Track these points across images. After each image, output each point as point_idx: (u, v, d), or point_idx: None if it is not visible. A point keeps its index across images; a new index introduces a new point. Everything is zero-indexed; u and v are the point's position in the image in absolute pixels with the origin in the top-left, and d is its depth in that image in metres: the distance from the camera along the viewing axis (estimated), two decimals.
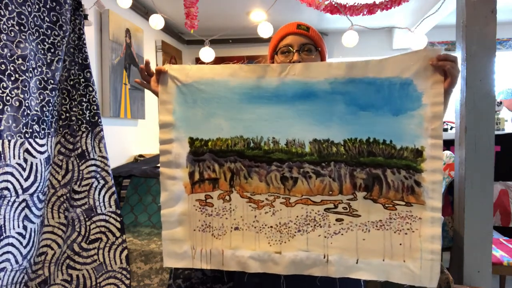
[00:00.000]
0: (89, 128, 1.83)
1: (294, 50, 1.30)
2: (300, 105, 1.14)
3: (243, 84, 1.17)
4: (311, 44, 1.32)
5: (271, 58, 1.41)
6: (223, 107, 1.18)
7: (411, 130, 1.09)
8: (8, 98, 1.48)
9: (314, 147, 1.14)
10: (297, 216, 1.16)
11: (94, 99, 1.83)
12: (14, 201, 1.52)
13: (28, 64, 1.55)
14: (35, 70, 1.60)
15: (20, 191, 1.54)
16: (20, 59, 1.52)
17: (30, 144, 1.57)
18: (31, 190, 1.59)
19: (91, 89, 1.83)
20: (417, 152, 1.09)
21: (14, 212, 1.52)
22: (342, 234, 1.15)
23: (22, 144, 1.54)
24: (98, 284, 1.80)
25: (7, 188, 1.49)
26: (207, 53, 2.62)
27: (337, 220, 1.15)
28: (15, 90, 1.51)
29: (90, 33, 2.36)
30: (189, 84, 1.20)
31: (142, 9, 3.06)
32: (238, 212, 1.20)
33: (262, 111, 1.16)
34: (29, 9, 1.56)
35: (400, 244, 1.11)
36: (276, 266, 1.16)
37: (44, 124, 1.65)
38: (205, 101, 1.19)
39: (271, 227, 1.18)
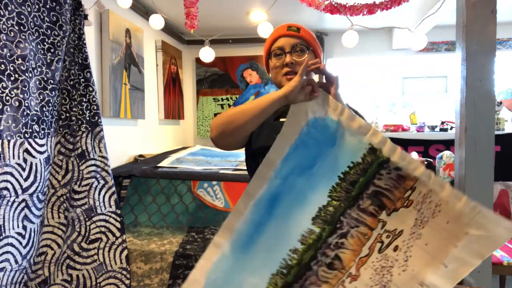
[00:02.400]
0: (89, 128, 1.83)
1: (286, 52, 1.31)
2: (276, 211, 1.17)
3: (230, 248, 1.17)
4: (302, 45, 1.33)
5: (265, 62, 1.43)
6: (237, 275, 1.18)
7: (353, 141, 1.14)
8: (7, 98, 1.48)
9: (319, 223, 1.15)
10: (370, 278, 1.15)
11: (94, 99, 1.83)
12: (14, 201, 1.52)
13: (27, 64, 1.55)
14: (35, 70, 1.60)
15: (19, 191, 1.54)
16: (19, 59, 1.52)
17: (29, 144, 1.57)
18: (31, 190, 1.59)
19: (91, 89, 1.83)
20: (372, 149, 1.12)
21: (14, 212, 1.52)
22: (410, 256, 1.13)
23: (21, 144, 1.54)
24: (98, 284, 1.80)
25: (6, 188, 1.49)
26: (207, 53, 2.62)
27: (394, 250, 1.14)
28: (15, 90, 1.50)
29: (90, 33, 2.36)
30: None
31: (142, 9, 3.06)
32: None
33: (263, 244, 1.17)
34: (29, 9, 1.56)
35: (447, 222, 1.09)
36: None
37: (44, 124, 1.65)
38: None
39: None
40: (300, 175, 1.17)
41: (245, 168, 1.42)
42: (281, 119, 1.38)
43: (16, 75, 1.51)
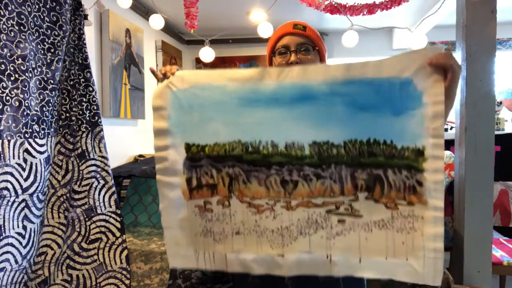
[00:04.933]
0: (89, 128, 1.83)
1: (291, 51, 1.29)
2: (299, 107, 1.12)
3: (241, 88, 1.15)
4: (308, 44, 1.30)
5: (269, 60, 1.40)
6: (220, 111, 1.16)
7: (412, 129, 1.08)
8: (7, 98, 1.48)
9: (314, 150, 1.12)
10: (299, 219, 1.15)
11: (94, 99, 1.83)
12: (14, 201, 1.52)
13: (28, 64, 1.55)
14: (35, 70, 1.60)
15: (19, 191, 1.54)
16: (20, 59, 1.52)
17: (29, 144, 1.57)
18: (31, 190, 1.59)
19: (91, 89, 1.83)
20: (418, 151, 1.08)
21: (14, 212, 1.52)
22: (344, 235, 1.14)
23: (21, 144, 1.54)
24: (98, 284, 1.80)
25: (6, 188, 1.49)
26: (207, 53, 2.62)
27: (339, 221, 1.14)
28: (15, 90, 1.51)
29: (90, 33, 2.36)
30: (185, 89, 1.19)
31: (142, 9, 3.06)
32: (238, 217, 1.18)
33: (260, 114, 1.14)
34: (29, 9, 1.56)
35: (403, 242, 1.11)
36: (279, 269, 1.16)
37: (44, 124, 1.65)
38: (201, 106, 1.17)
39: (273, 231, 1.17)
40: (345, 105, 1.11)
41: None
42: None
43: (16, 75, 1.51)
